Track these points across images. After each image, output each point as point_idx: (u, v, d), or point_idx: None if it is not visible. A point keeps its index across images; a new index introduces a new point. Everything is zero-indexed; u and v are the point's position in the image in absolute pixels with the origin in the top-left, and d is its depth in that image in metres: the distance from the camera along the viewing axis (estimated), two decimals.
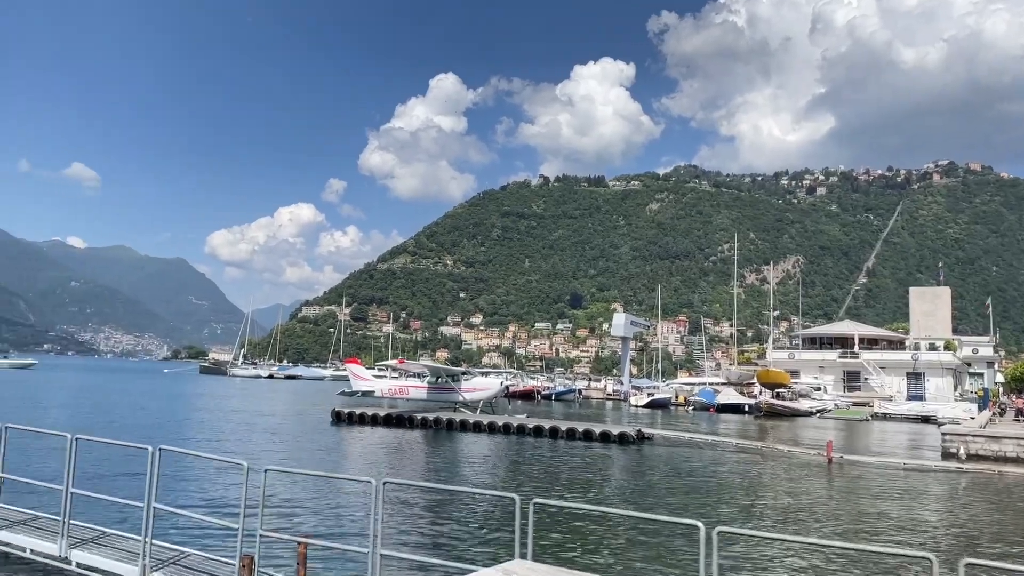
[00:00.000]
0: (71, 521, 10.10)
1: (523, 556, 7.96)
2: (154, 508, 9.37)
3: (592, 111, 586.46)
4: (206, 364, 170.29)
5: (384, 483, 8.46)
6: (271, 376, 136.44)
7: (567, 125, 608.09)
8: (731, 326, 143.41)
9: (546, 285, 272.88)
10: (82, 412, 43.77)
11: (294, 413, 49.40)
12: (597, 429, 34.73)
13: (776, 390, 64.46)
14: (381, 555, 8.24)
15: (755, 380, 68.92)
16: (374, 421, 39.79)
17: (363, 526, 14.43)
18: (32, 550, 10.24)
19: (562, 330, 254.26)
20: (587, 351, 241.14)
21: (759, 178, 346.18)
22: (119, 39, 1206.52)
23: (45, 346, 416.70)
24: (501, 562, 8.12)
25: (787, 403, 62.16)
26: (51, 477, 11.10)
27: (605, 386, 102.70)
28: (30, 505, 11.63)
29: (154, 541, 9.48)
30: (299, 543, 8.95)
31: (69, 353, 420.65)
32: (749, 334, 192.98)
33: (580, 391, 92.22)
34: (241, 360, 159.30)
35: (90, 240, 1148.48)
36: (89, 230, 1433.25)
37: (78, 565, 9.81)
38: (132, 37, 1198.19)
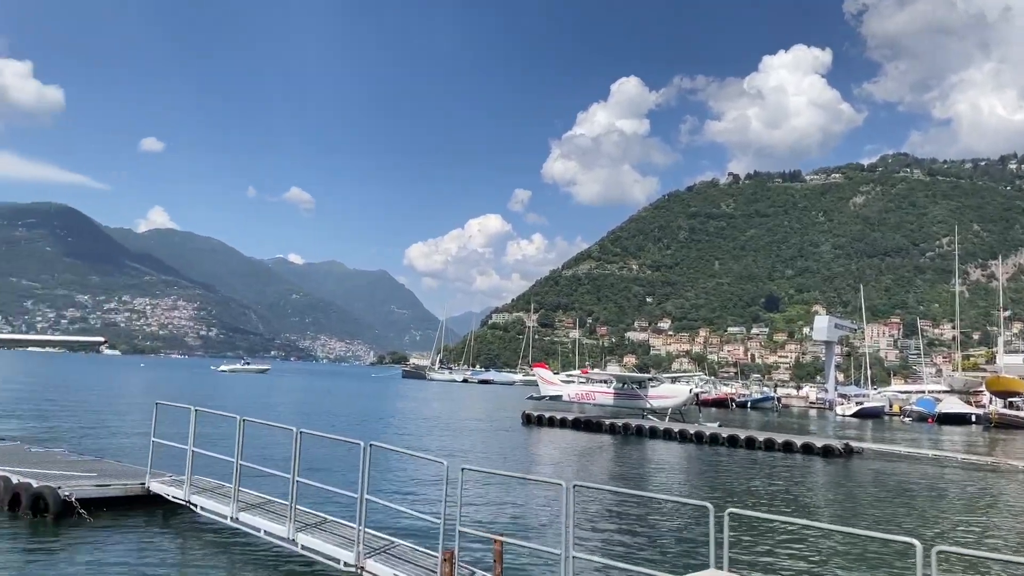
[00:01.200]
0: (296, 506, 11.27)
1: (718, 566, 7.73)
2: (366, 499, 10.20)
3: (784, 102, 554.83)
4: (407, 369, 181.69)
5: (574, 486, 8.59)
6: (465, 380, 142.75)
7: (756, 119, 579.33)
8: (953, 328, 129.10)
9: (738, 287, 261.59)
10: (305, 410, 48.41)
11: (487, 415, 51.29)
12: (798, 440, 32.76)
13: (1009, 399, 57.42)
14: (572, 557, 8.37)
15: (983, 388, 61.81)
16: (562, 424, 40.33)
17: (554, 527, 14.72)
18: (265, 531, 11.53)
19: (757, 335, 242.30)
20: (785, 356, 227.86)
21: (982, 163, 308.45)
22: (329, 76, 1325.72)
23: (272, 352, 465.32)
24: (694, 572, 7.94)
25: (1023, 413, 55.13)
26: (279, 466, 12.40)
27: (807, 394, 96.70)
28: (262, 490, 13.12)
29: (366, 529, 10.32)
30: (495, 540, 9.32)
31: (291, 359, 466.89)
32: (975, 337, 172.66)
33: (778, 399, 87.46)
34: (438, 365, 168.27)
35: (307, 256, 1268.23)
36: (306, 247, 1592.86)
37: (303, 547, 10.90)
38: (338, 74, 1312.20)
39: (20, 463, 15.06)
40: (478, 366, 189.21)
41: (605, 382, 46.85)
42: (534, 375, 55.80)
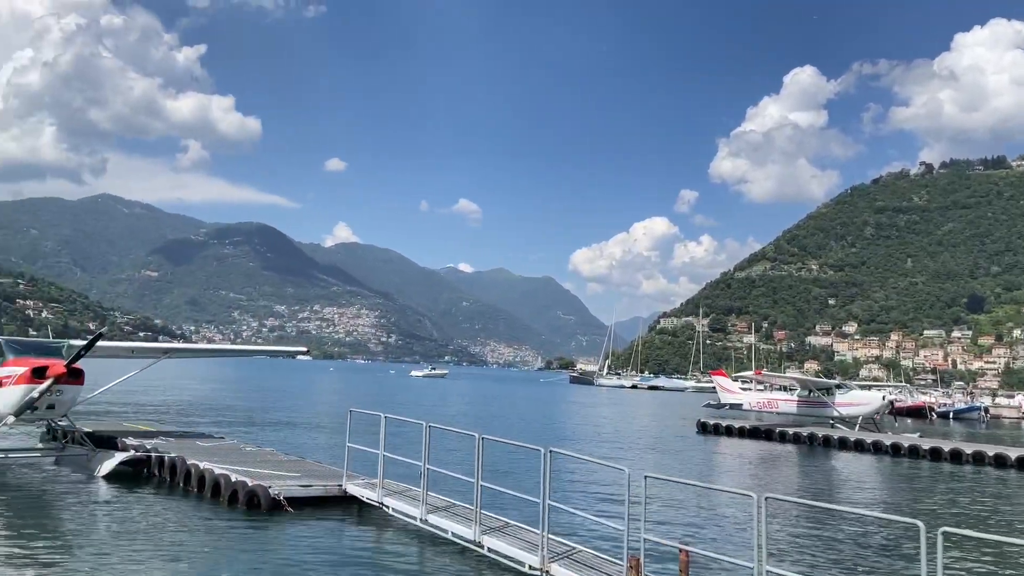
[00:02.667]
0: (481, 511, 11.62)
1: None
2: (549, 505, 10.31)
3: (982, 83, 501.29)
4: (575, 374, 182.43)
5: (766, 498, 8.18)
6: (634, 386, 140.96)
7: (950, 102, 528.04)
8: None
9: (935, 287, 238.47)
10: (479, 413, 50.00)
11: (660, 422, 50.30)
12: (1013, 454, 29.25)
13: None
14: (767, 571, 7.97)
15: None
16: (740, 433, 38.68)
17: (742, 539, 14.10)
18: (453, 533, 11.99)
19: (959, 338, 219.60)
20: (992, 362, 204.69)
21: None
22: (490, 89, 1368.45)
23: (446, 358, 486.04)
24: None
25: None
26: (459, 470, 12.84)
27: (1021, 403, 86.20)
28: (443, 492, 13.68)
29: (549, 535, 10.42)
30: (681, 550, 9.07)
31: (463, 364, 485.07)
32: None
33: (986, 409, 78.58)
34: (606, 370, 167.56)
35: (475, 265, 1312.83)
36: (474, 256, 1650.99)
37: (488, 550, 11.20)
38: (499, 87, 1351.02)
39: (237, 462, 16.76)
40: (647, 372, 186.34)
41: (787, 388, 44.38)
42: (708, 382, 54.03)
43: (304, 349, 30.96)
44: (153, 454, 17.78)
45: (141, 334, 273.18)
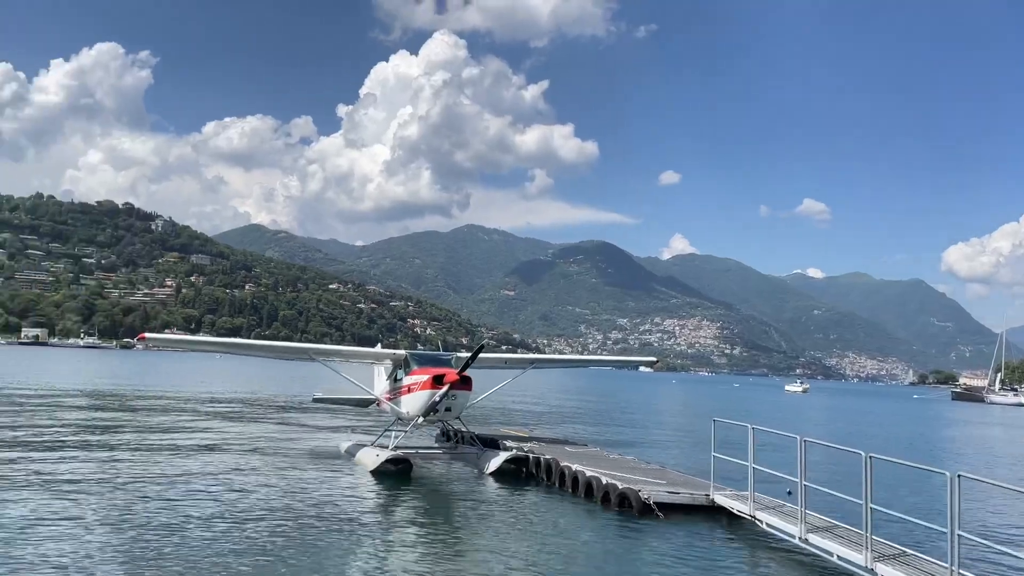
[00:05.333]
0: (872, 535, 10.53)
1: None
2: (958, 536, 8.98)
3: None
4: (958, 390, 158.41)
5: None
6: None
7: None
8: None
9: None
10: (847, 430, 45.81)
11: None
12: None
13: None
14: None
15: None
16: None
17: None
18: (838, 556, 11.05)
19: None
20: None
21: None
22: (829, 80, 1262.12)
23: (797, 371, 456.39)
24: None
25: None
26: (833, 488, 11.78)
27: None
28: (824, 511, 12.71)
29: (962, 571, 9.06)
30: None
31: (817, 377, 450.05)
32: None
33: None
34: (998, 385, 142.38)
35: (827, 269, 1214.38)
36: (824, 260, 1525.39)
37: None
38: (838, 75, 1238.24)
39: (604, 466, 17.55)
40: None
41: None
42: None
43: (654, 360, 31.64)
44: (531, 455, 19.49)
45: (503, 347, 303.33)
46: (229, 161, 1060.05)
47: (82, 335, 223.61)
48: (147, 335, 22.31)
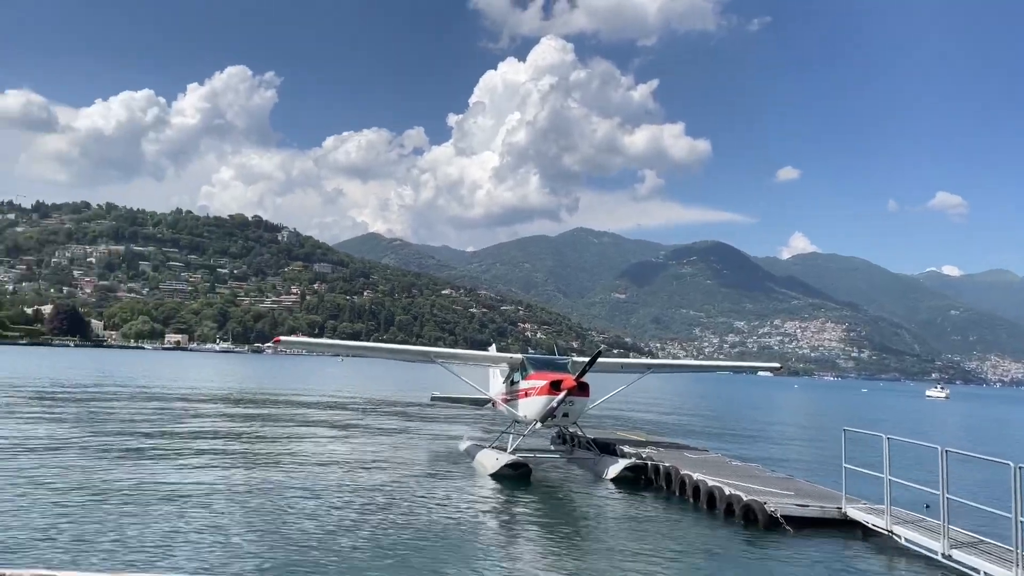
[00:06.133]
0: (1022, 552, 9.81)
1: None
2: None
3: None
4: None
5: None
6: None
7: None
8: None
9: None
10: (990, 439, 42.56)
11: None
12: None
13: None
14: None
15: None
16: None
17: None
18: (986, 574, 10.36)
19: None
20: None
21: None
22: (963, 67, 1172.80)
23: (933, 375, 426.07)
24: None
25: None
26: (981, 501, 11.03)
27: None
28: (966, 526, 11.97)
29: None
30: None
31: (956, 382, 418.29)
32: None
33: None
34: None
35: (964, 267, 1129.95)
36: (961, 257, 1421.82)
37: None
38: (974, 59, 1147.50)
39: (727, 475, 17.10)
40: None
41: None
42: None
43: (777, 365, 30.37)
44: (649, 462, 19.29)
45: (614, 351, 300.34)
46: (347, 173, 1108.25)
47: (218, 340, 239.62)
48: (281, 338, 23.73)
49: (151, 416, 30.49)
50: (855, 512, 13.90)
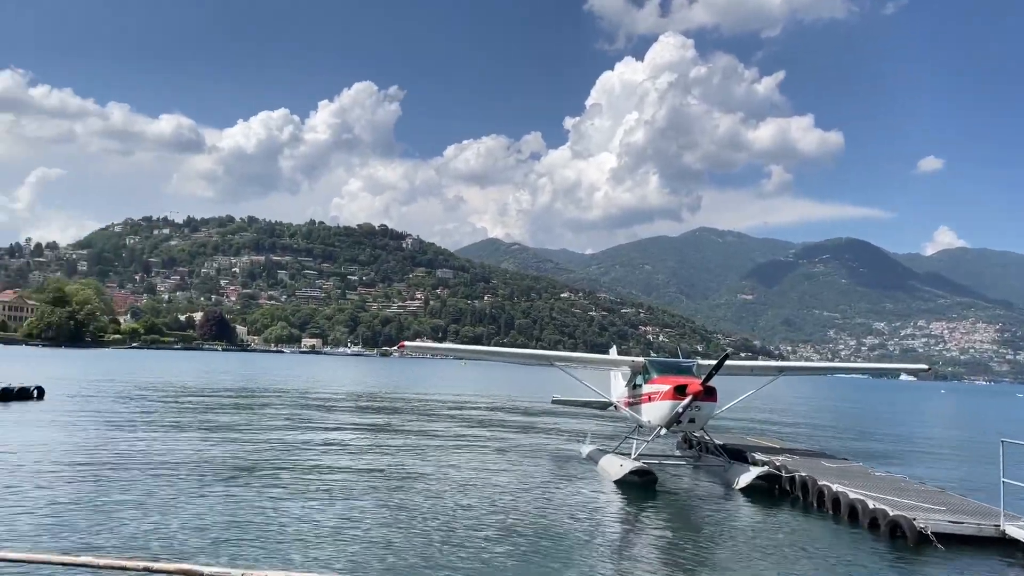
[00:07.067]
0: None
1: None
2: None
3: None
4: None
5: None
6: None
7: None
8: None
9: None
10: None
11: None
12: None
13: None
14: None
15: None
16: None
17: None
18: None
19: None
20: None
21: None
22: None
23: None
24: None
25: None
26: None
27: None
28: None
29: None
30: None
31: None
32: None
33: None
34: None
35: None
36: None
37: None
38: None
39: (871, 487, 16.03)
40: None
41: None
42: None
43: (924, 367, 28.13)
44: (783, 471, 18.41)
45: (742, 354, 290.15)
46: (467, 180, 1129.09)
47: (349, 344, 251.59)
48: (406, 343, 24.44)
49: (299, 412, 32.30)
50: (1015, 530, 12.69)
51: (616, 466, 19.23)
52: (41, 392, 32.97)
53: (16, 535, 11.07)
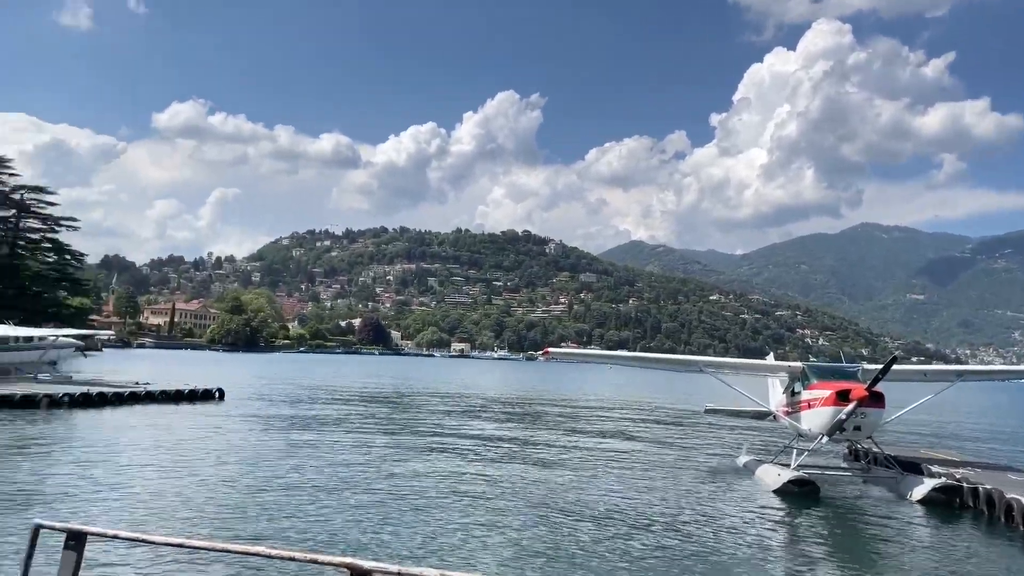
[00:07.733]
0: None
1: None
2: None
3: None
4: None
5: None
6: None
7: None
8: None
9: None
10: None
11: None
12: None
13: None
14: None
15: None
16: None
17: None
18: None
19: None
20: None
21: None
22: None
23: None
24: None
25: None
26: None
27: None
28: None
29: None
30: None
31: None
32: None
33: None
34: None
35: None
36: None
37: None
38: None
39: None
40: None
41: None
42: None
43: None
44: (965, 484, 16.78)
45: (913, 359, 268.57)
46: (609, 183, 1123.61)
47: (495, 348, 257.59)
48: (550, 350, 24.73)
49: (453, 412, 33.46)
50: None
51: (774, 475, 18.31)
52: (222, 394, 36.05)
53: (202, 523, 12.16)
